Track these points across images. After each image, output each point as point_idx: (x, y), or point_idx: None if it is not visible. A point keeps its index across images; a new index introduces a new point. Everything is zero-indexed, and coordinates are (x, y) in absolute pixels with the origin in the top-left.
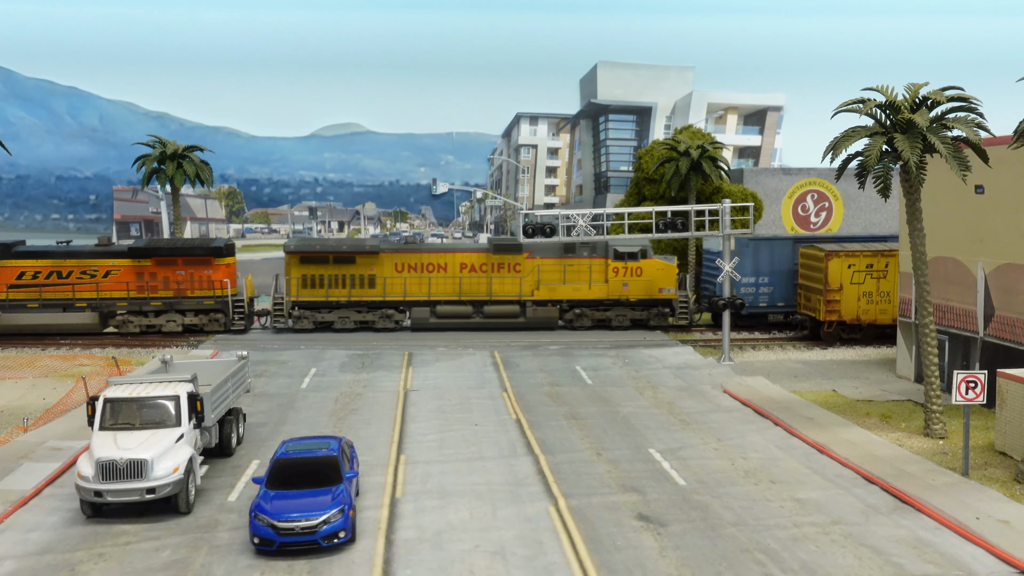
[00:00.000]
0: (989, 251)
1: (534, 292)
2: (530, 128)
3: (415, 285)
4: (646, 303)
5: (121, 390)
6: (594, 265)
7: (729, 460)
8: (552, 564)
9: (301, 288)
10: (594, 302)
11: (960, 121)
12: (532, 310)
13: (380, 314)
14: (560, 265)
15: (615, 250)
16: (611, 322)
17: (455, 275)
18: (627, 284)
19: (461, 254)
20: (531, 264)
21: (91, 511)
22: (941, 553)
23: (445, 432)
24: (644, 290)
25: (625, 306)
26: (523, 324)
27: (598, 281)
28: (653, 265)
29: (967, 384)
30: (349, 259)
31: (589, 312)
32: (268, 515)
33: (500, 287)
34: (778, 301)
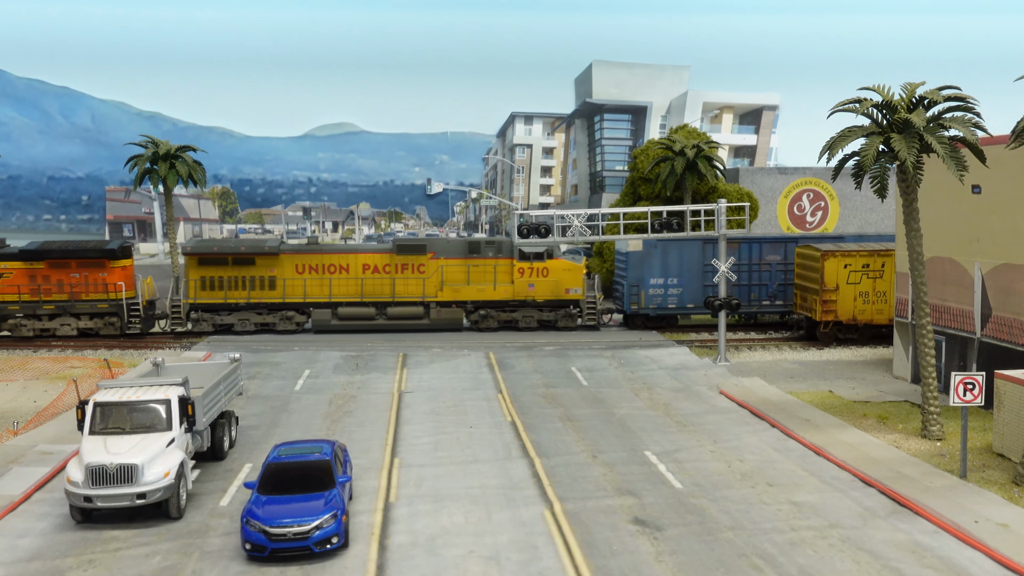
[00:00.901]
0: (986, 251)
1: (438, 293)
2: (525, 127)
3: (316, 286)
4: (553, 304)
5: (111, 394)
6: (499, 266)
7: (725, 462)
8: (547, 569)
9: (200, 290)
10: (500, 303)
11: (957, 121)
12: (436, 311)
13: (280, 316)
14: (465, 266)
15: (520, 250)
16: (518, 323)
17: (357, 276)
18: (533, 285)
19: (363, 255)
20: (435, 265)
21: (81, 517)
22: (939, 557)
23: (439, 435)
24: (551, 291)
25: (532, 307)
26: (427, 326)
27: (503, 282)
28: (559, 266)
29: (965, 386)
30: (248, 260)
31: (495, 313)
32: (260, 521)
33: (404, 288)
34: (688, 302)
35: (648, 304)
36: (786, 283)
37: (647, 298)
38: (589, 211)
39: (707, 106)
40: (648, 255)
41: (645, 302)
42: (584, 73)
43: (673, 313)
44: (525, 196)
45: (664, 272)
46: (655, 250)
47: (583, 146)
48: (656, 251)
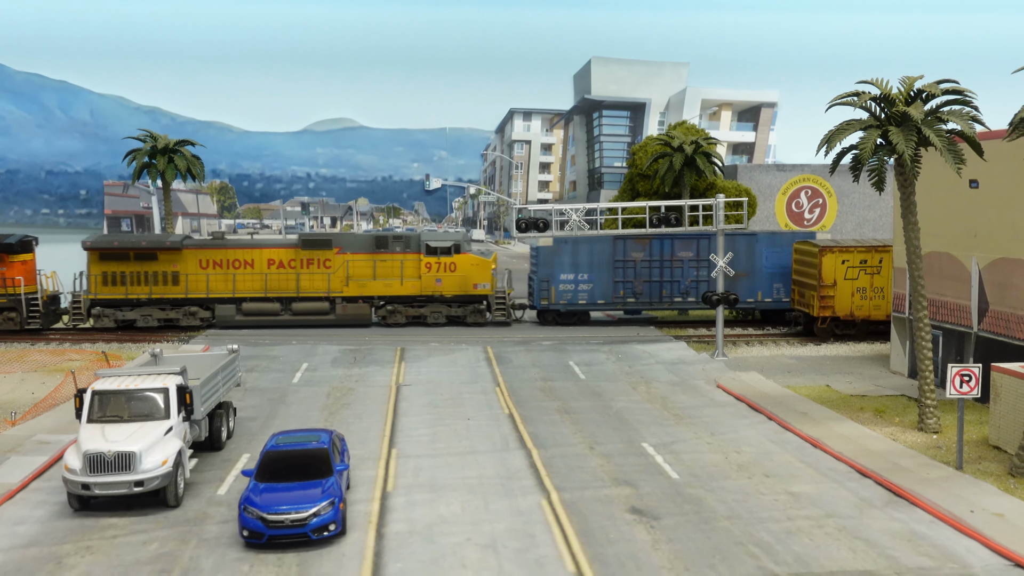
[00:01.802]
0: (983, 246)
1: (344, 288)
2: (524, 124)
3: (220, 282)
4: (463, 299)
5: (109, 382)
6: (406, 260)
7: (722, 454)
8: (544, 557)
9: (101, 285)
10: (408, 298)
11: (955, 114)
12: (342, 307)
13: (184, 312)
14: (371, 260)
15: (427, 245)
16: (426, 319)
17: (262, 271)
18: (441, 280)
19: (268, 250)
20: (341, 260)
21: (79, 504)
22: (935, 546)
23: (437, 426)
24: (459, 286)
25: (440, 302)
26: (333, 321)
27: (411, 277)
28: (468, 260)
29: (961, 378)
30: (151, 255)
31: (403, 308)
32: (257, 508)
33: (309, 283)
34: (598, 299)
35: (558, 300)
36: (698, 279)
37: (557, 294)
38: (588, 205)
39: (706, 103)
40: (558, 251)
41: (555, 298)
42: (583, 69)
43: (583, 309)
44: (523, 192)
45: (574, 268)
46: (565, 246)
47: (582, 142)
48: (566, 247)
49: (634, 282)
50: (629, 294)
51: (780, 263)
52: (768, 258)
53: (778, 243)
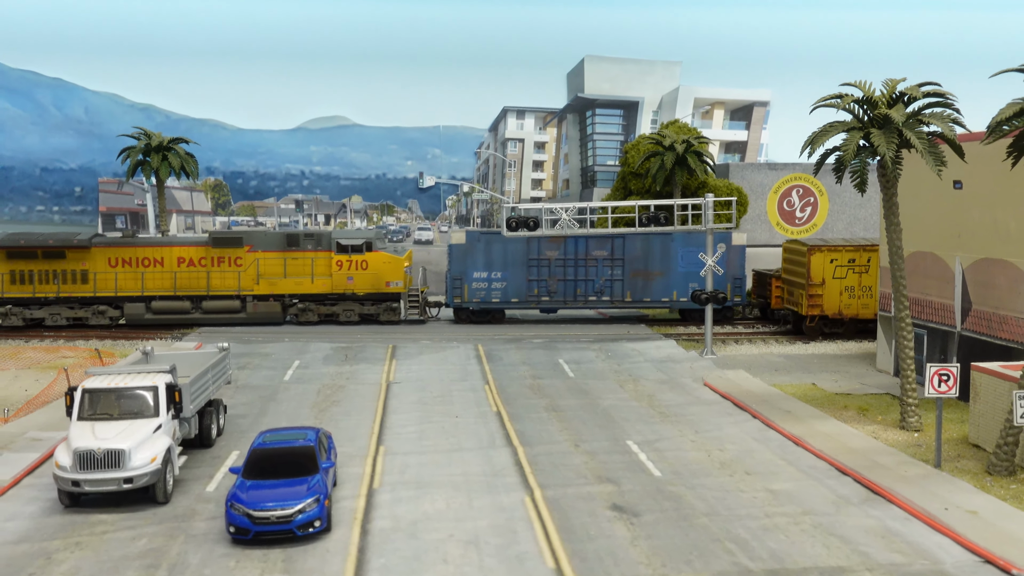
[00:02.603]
0: (967, 246)
1: (254, 287)
2: (517, 122)
3: (129, 280)
4: (375, 297)
5: (99, 381)
6: (317, 258)
7: (705, 452)
8: (525, 553)
9: (9, 284)
10: (319, 296)
11: (936, 117)
12: (253, 305)
13: (93, 310)
14: (282, 259)
15: (338, 242)
16: (339, 317)
17: (172, 270)
18: (352, 278)
19: (178, 248)
20: (252, 258)
21: (69, 501)
22: (908, 543)
23: (425, 424)
24: (371, 284)
25: (352, 300)
26: (244, 320)
27: (322, 275)
28: (379, 258)
29: (940, 377)
30: (58, 254)
31: (315, 307)
32: (244, 504)
33: (220, 281)
34: (512, 297)
35: (471, 298)
36: (612, 278)
37: (470, 292)
38: (578, 204)
39: (698, 101)
40: (471, 248)
41: (468, 296)
42: (576, 68)
43: (497, 307)
44: (517, 190)
45: (488, 266)
46: (478, 243)
47: (575, 141)
48: (480, 244)
49: (548, 281)
50: (543, 293)
51: (696, 262)
52: (683, 257)
53: (694, 243)
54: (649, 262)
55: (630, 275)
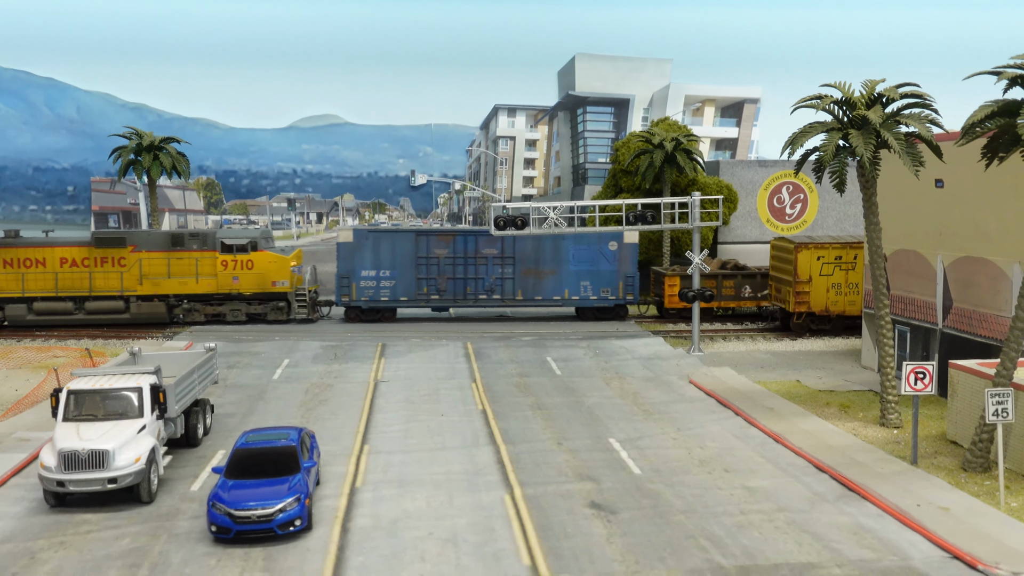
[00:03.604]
0: (948, 244)
1: (138, 287)
2: (508, 120)
3: (10, 281)
4: (262, 297)
5: (84, 382)
6: (202, 258)
7: (686, 449)
8: (502, 550)
9: None
10: (204, 296)
11: (914, 117)
12: (137, 306)
13: None
14: (166, 259)
15: (222, 242)
16: (225, 317)
17: (54, 270)
18: (238, 278)
19: (60, 248)
20: (135, 258)
21: (54, 501)
22: (880, 539)
23: (410, 423)
24: (256, 283)
25: (239, 300)
26: (128, 320)
27: (207, 275)
28: (265, 258)
29: (916, 375)
30: None
31: (200, 307)
32: (225, 504)
33: (104, 282)
34: (401, 295)
35: (360, 296)
36: (503, 277)
37: (359, 290)
38: (565, 203)
39: (689, 99)
40: (359, 246)
41: (357, 294)
42: (567, 66)
43: (387, 306)
44: (508, 188)
45: (376, 264)
46: (366, 241)
47: (566, 138)
48: (367, 242)
49: (438, 279)
50: (433, 291)
51: (587, 260)
52: (575, 255)
53: (584, 241)
54: (540, 260)
55: (521, 273)
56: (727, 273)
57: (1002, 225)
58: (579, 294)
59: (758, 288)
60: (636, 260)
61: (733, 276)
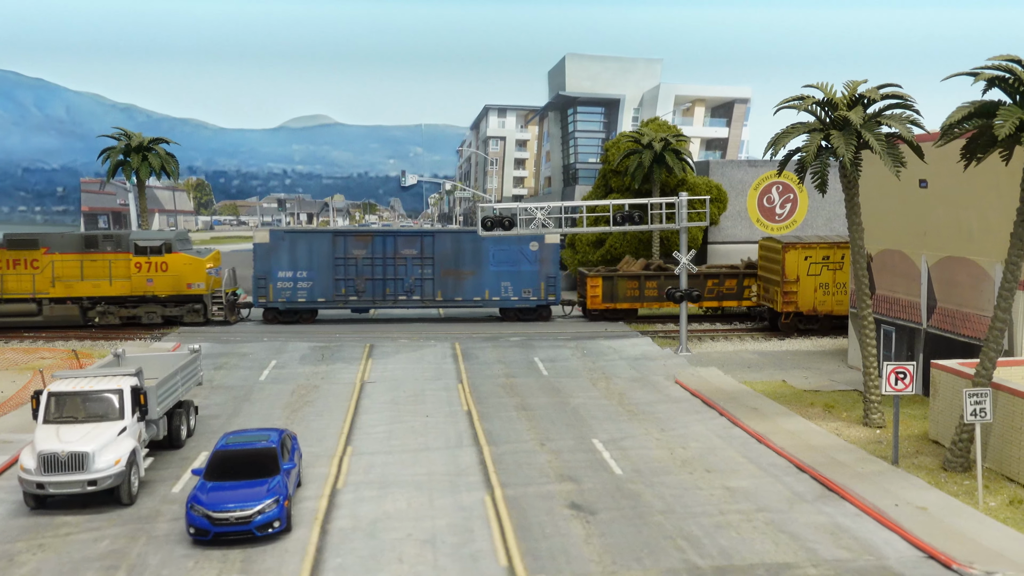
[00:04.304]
0: (932, 244)
1: (50, 289)
2: (498, 120)
3: None
4: (178, 299)
5: (65, 384)
6: (116, 260)
7: (668, 450)
8: (479, 551)
9: None
10: (119, 298)
11: (895, 118)
12: (50, 308)
13: None
14: (79, 261)
15: (136, 244)
16: (141, 319)
17: None
18: (152, 279)
19: None
20: (48, 260)
21: (35, 503)
22: (856, 539)
23: (395, 424)
24: (171, 286)
25: (154, 302)
26: (41, 323)
27: (120, 276)
28: (180, 260)
29: (896, 375)
30: None
31: (115, 309)
32: (203, 506)
33: (16, 284)
34: (319, 297)
35: (277, 298)
36: (422, 277)
37: (275, 291)
38: (551, 204)
39: (679, 99)
40: (276, 247)
41: (274, 296)
42: (557, 66)
43: (305, 307)
44: (498, 188)
45: (293, 265)
46: (283, 242)
47: (556, 139)
48: (284, 243)
49: (356, 280)
50: (351, 292)
51: (508, 261)
52: (495, 256)
53: (505, 241)
54: (460, 261)
55: (441, 274)
56: (650, 274)
57: (984, 225)
58: (500, 295)
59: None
60: (558, 260)
61: (656, 277)
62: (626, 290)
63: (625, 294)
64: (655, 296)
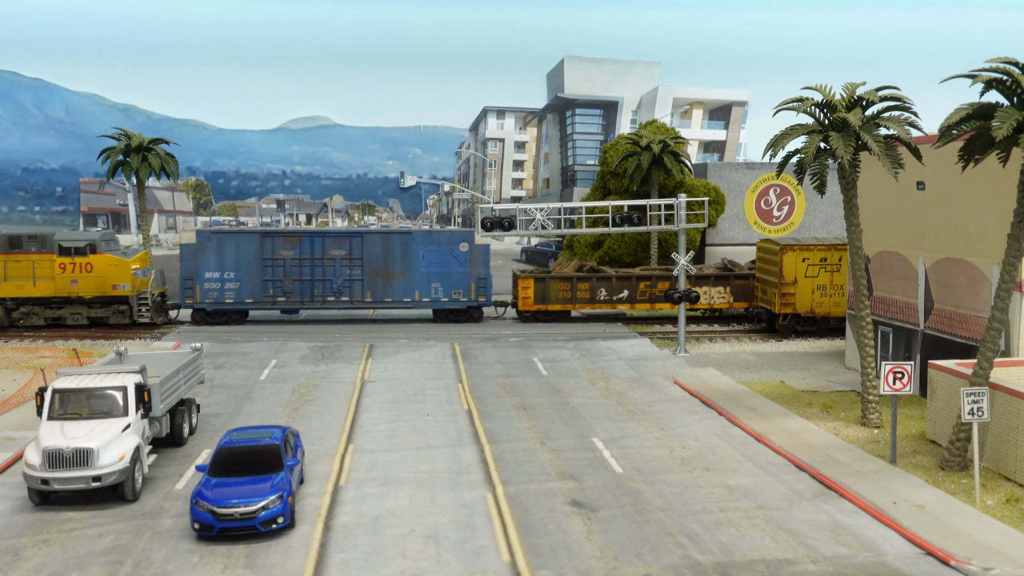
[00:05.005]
0: (930, 246)
1: None
2: (497, 122)
3: None
4: (103, 300)
5: (69, 381)
6: (40, 261)
7: (668, 448)
8: (482, 547)
9: None
10: (43, 300)
11: (893, 120)
12: None
13: None
14: (2, 261)
15: (60, 244)
16: (66, 320)
17: None
18: (76, 281)
19: None
20: None
21: (39, 499)
22: (855, 536)
23: (396, 422)
24: (96, 287)
25: (80, 304)
26: None
27: (44, 278)
28: (105, 260)
29: (895, 375)
30: None
31: (40, 311)
32: (208, 501)
33: None
34: (246, 297)
35: (204, 299)
36: (351, 278)
37: (203, 292)
38: (551, 205)
39: (677, 101)
40: (203, 248)
41: (201, 296)
42: (556, 68)
43: (233, 308)
44: (497, 190)
45: (220, 266)
46: (210, 243)
47: (555, 140)
48: (211, 244)
49: (284, 281)
50: (279, 293)
51: (438, 262)
52: (425, 257)
53: (435, 242)
54: (389, 262)
55: (370, 275)
56: (582, 276)
57: (981, 227)
58: (430, 296)
59: (613, 291)
60: (488, 261)
61: (588, 279)
62: (558, 291)
63: (557, 295)
64: (587, 298)
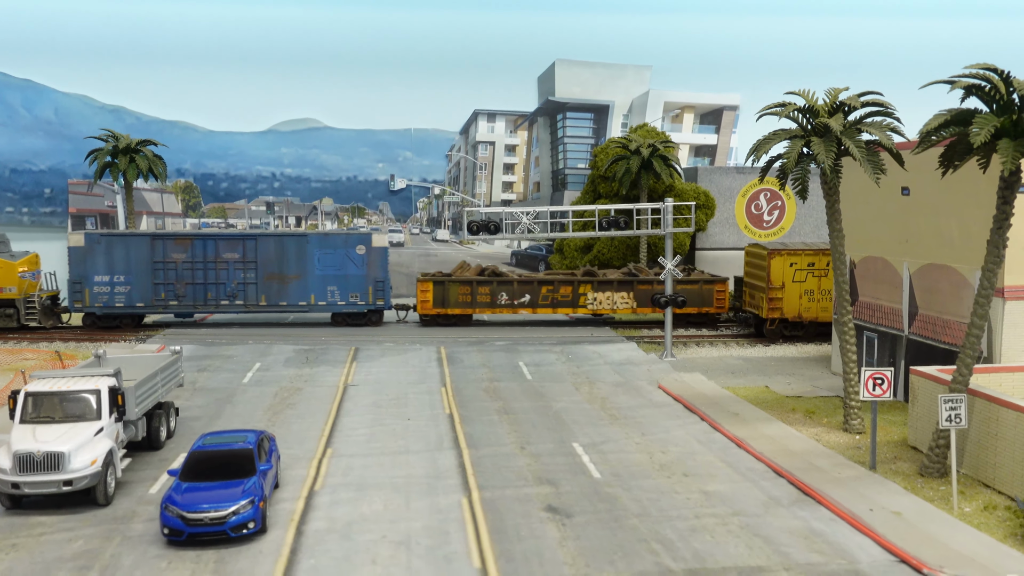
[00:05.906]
0: (914, 251)
1: None
2: (488, 125)
3: None
4: None
5: (42, 384)
6: None
7: (648, 454)
8: (453, 553)
9: None
10: None
11: (875, 126)
12: None
13: None
14: None
15: None
16: None
17: None
18: None
19: None
20: None
21: (10, 503)
22: (830, 543)
23: (376, 427)
24: None
25: None
26: None
27: None
28: None
29: (874, 381)
30: None
31: None
32: (178, 506)
33: None
34: (137, 301)
35: (93, 303)
36: (245, 281)
37: (92, 296)
38: (537, 208)
39: (668, 105)
40: (91, 251)
41: (90, 300)
42: (547, 72)
43: (123, 312)
44: (487, 193)
45: (110, 269)
46: (98, 246)
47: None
48: (100, 247)
49: (176, 284)
50: (171, 296)
51: (334, 265)
52: (320, 260)
53: (330, 245)
54: (284, 265)
55: (264, 278)
56: (482, 280)
57: (965, 232)
58: (326, 299)
59: (515, 296)
60: (386, 264)
61: (489, 283)
62: (458, 295)
63: (457, 299)
64: (488, 302)
